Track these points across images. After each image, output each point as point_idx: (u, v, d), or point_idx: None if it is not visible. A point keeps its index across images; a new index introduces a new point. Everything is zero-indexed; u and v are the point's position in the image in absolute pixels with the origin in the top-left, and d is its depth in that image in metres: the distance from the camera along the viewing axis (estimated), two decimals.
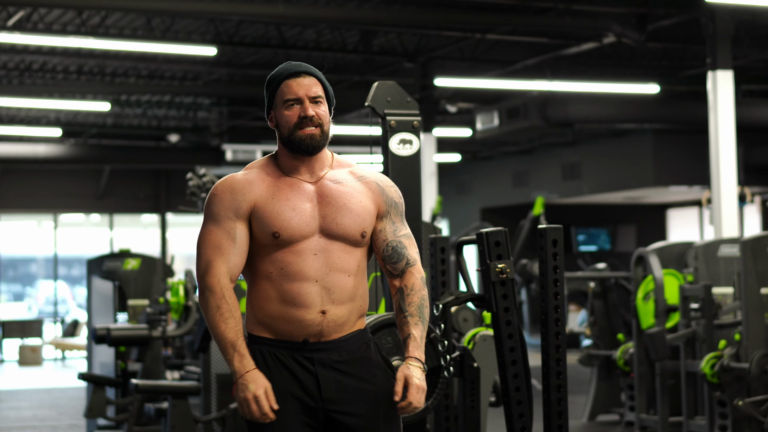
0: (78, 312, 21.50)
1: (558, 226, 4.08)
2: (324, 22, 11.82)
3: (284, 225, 2.93)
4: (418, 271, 3.04)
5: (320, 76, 3.03)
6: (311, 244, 2.94)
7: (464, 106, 15.73)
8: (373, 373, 2.99)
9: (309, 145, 2.98)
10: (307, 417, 2.93)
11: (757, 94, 15.66)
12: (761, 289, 7.01)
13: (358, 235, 2.98)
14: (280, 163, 3.05)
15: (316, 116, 2.98)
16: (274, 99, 3.03)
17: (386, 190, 3.07)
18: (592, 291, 9.33)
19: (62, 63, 14.13)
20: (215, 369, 6.87)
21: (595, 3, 11.28)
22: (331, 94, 3.06)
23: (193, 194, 8.60)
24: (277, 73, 3.04)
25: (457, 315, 5.63)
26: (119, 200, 21.09)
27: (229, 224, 2.96)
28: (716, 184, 10.63)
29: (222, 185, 3.01)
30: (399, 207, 3.09)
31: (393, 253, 3.03)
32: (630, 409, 8.71)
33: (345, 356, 2.96)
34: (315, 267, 2.92)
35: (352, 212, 2.98)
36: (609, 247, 21.46)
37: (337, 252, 2.95)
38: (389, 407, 2.97)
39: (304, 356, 2.94)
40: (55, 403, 11.59)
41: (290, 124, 2.99)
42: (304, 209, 2.96)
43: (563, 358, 4.01)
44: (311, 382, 2.93)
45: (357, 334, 3.00)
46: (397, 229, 3.06)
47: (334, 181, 3.02)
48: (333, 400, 2.93)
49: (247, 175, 3.03)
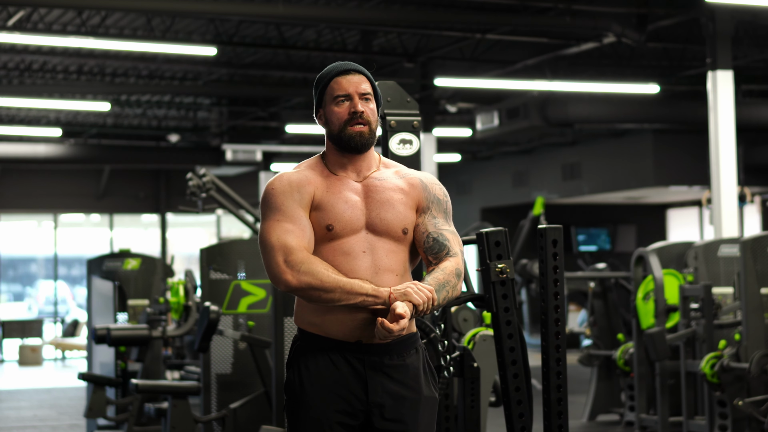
0: (78, 312, 21.50)
1: (558, 226, 4.08)
2: (324, 22, 11.81)
3: (338, 217, 2.94)
4: (456, 261, 3.00)
5: (369, 75, 3.04)
6: (359, 241, 2.94)
7: (464, 106, 15.72)
8: (418, 380, 2.99)
9: (358, 143, 2.99)
10: (348, 417, 2.94)
11: (757, 94, 15.66)
12: (761, 289, 7.01)
13: (400, 231, 2.98)
14: (328, 161, 3.05)
15: (365, 113, 2.99)
16: (324, 96, 3.03)
17: (429, 187, 3.08)
18: (592, 291, 9.33)
19: (62, 63, 14.13)
20: (215, 369, 6.86)
21: (595, 3, 11.27)
22: (380, 94, 3.07)
23: (193, 194, 8.60)
24: (327, 71, 3.05)
25: (457, 315, 5.63)
26: (119, 200, 21.09)
27: (297, 213, 2.94)
28: (716, 184, 10.63)
29: (279, 181, 3.00)
30: (443, 204, 3.08)
31: (434, 243, 3.01)
32: (630, 409, 8.71)
33: (396, 360, 2.95)
34: (364, 266, 2.92)
35: (394, 208, 2.99)
36: (609, 247, 21.46)
37: (384, 250, 2.95)
38: (429, 417, 3.00)
39: (356, 357, 2.94)
40: (55, 403, 11.59)
41: (341, 121, 2.99)
42: (355, 202, 2.97)
43: (563, 358, 4.01)
44: (359, 385, 2.93)
45: (408, 337, 2.99)
46: (439, 223, 3.04)
47: (378, 179, 3.03)
48: (378, 404, 2.93)
49: (301, 172, 3.02)
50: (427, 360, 3.05)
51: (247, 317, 6.89)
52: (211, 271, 6.91)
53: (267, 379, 6.44)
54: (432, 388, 3.02)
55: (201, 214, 10.60)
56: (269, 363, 6.41)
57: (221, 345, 6.88)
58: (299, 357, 2.99)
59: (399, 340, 2.95)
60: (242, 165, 18.44)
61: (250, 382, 6.85)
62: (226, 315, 6.84)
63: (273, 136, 18.24)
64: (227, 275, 6.91)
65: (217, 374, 6.86)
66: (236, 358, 6.90)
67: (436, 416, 3.04)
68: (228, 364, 6.90)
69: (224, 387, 6.85)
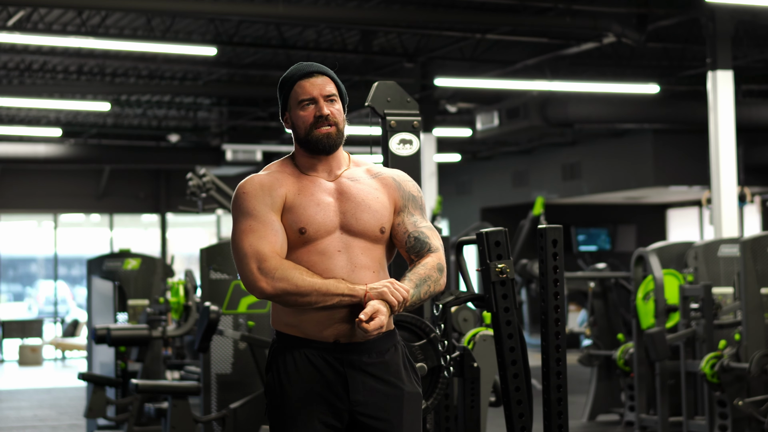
0: (78, 312, 21.50)
1: (558, 226, 4.08)
2: (324, 22, 11.81)
3: (310, 220, 2.94)
4: (437, 256, 3.02)
5: (333, 75, 3.04)
6: (334, 241, 2.94)
7: (464, 106, 15.73)
8: (400, 377, 2.99)
9: (326, 144, 2.99)
10: (331, 418, 2.93)
11: (757, 94, 15.66)
12: (761, 289, 7.01)
13: (378, 230, 2.99)
14: (298, 163, 3.05)
15: (331, 115, 2.99)
16: (288, 101, 3.03)
17: (403, 185, 3.09)
18: (592, 291, 9.32)
19: (62, 63, 14.13)
20: (215, 369, 6.86)
21: (595, 3, 11.27)
22: (344, 93, 3.06)
23: (193, 194, 8.60)
24: (290, 74, 3.04)
25: (457, 315, 5.63)
26: (119, 200, 21.08)
27: (268, 217, 2.94)
28: (716, 184, 10.63)
29: (250, 183, 2.99)
30: (417, 200, 3.09)
31: (416, 242, 3.03)
32: (630, 409, 8.71)
33: (375, 358, 2.95)
34: (340, 265, 2.93)
35: (370, 208, 2.99)
36: (609, 247, 21.45)
37: (359, 249, 2.96)
38: (413, 413, 2.99)
39: (335, 357, 2.93)
40: (55, 403, 11.59)
41: (306, 124, 2.99)
42: (327, 204, 2.97)
43: (563, 358, 4.01)
44: (339, 384, 2.93)
45: (387, 334, 2.99)
46: (418, 221, 3.06)
47: (351, 179, 3.03)
48: (359, 402, 2.93)
49: (271, 174, 3.02)
50: (407, 356, 3.05)
51: (247, 317, 6.89)
52: (211, 271, 6.91)
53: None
54: (414, 383, 3.02)
55: (201, 214, 10.60)
56: None
57: (221, 345, 6.88)
58: (278, 359, 2.98)
59: (377, 338, 2.94)
60: (242, 165, 18.43)
61: (250, 382, 6.85)
62: (226, 315, 6.84)
63: (273, 136, 18.24)
64: (227, 275, 6.91)
65: (217, 374, 6.86)
66: (236, 358, 6.90)
67: (421, 412, 3.04)
68: (228, 364, 6.90)
69: (224, 387, 6.85)
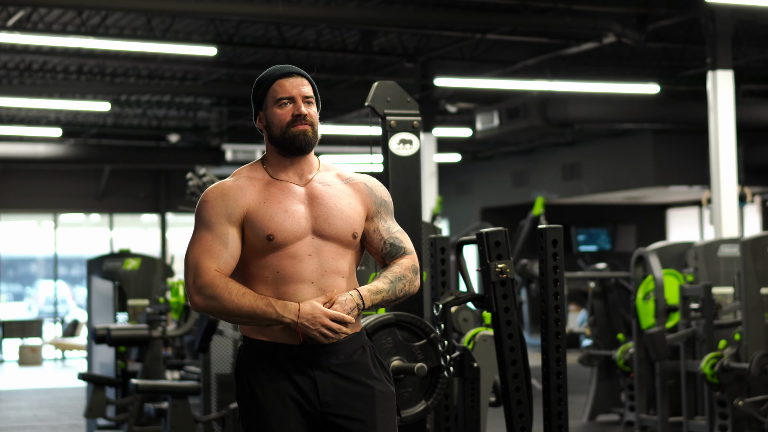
0: (78, 312, 21.50)
1: (558, 226, 4.08)
2: (324, 22, 11.81)
3: (278, 227, 2.94)
4: (411, 258, 3.08)
5: (310, 78, 3.07)
6: (305, 245, 2.95)
7: (464, 106, 15.72)
8: (370, 376, 2.99)
9: (302, 142, 3.00)
10: (305, 420, 2.93)
11: (757, 94, 15.66)
12: (761, 289, 7.01)
13: (350, 236, 3.00)
14: (269, 166, 3.07)
15: (309, 115, 3.01)
16: (265, 99, 3.07)
17: (374, 190, 3.10)
18: (592, 291, 9.32)
19: (62, 63, 14.13)
20: (215, 369, 6.86)
21: (595, 3, 11.28)
22: (319, 98, 3.09)
23: (193, 194, 8.60)
24: (268, 74, 3.07)
25: (457, 315, 5.63)
26: (119, 200, 21.08)
27: (221, 229, 2.95)
28: (716, 184, 10.63)
29: (212, 192, 3.01)
30: (389, 205, 3.12)
31: (392, 248, 3.07)
32: (630, 409, 8.71)
33: (342, 359, 2.96)
34: (310, 269, 2.94)
35: (342, 213, 3.00)
36: (609, 247, 21.46)
37: (330, 253, 2.97)
38: (386, 411, 2.99)
39: (302, 359, 2.93)
40: (55, 403, 11.59)
41: (283, 123, 3.02)
42: (296, 211, 2.97)
43: (563, 358, 4.01)
44: (309, 386, 2.93)
45: (354, 336, 2.99)
46: (391, 227, 3.10)
47: (322, 183, 3.04)
48: (330, 403, 2.93)
49: (237, 181, 3.04)
50: (376, 356, 3.05)
51: None
52: None
53: None
54: (386, 382, 3.02)
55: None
56: None
57: (221, 345, 6.88)
58: (246, 365, 3.00)
59: (343, 340, 2.95)
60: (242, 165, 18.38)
61: None
62: None
63: None
64: None
65: (217, 374, 6.87)
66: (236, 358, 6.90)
67: (395, 410, 3.04)
68: (228, 364, 6.91)
69: (224, 387, 6.86)
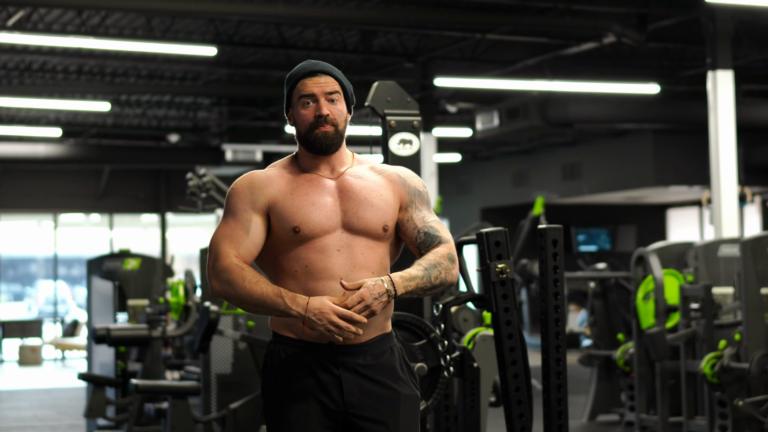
0: (78, 312, 21.50)
1: (558, 226, 4.08)
2: (324, 22, 11.82)
3: (304, 219, 2.91)
4: (448, 247, 2.99)
5: (338, 75, 3.01)
6: (334, 239, 2.92)
7: (464, 106, 15.72)
8: (395, 379, 2.96)
9: (323, 144, 2.97)
10: (327, 420, 2.91)
11: (757, 94, 15.66)
12: (761, 289, 7.01)
13: (380, 228, 2.95)
14: (300, 161, 3.04)
15: (330, 115, 2.96)
16: (291, 98, 3.02)
17: (408, 181, 3.05)
18: (592, 291, 9.32)
19: (62, 63, 14.13)
20: (215, 369, 6.86)
21: (595, 3, 11.28)
22: (350, 93, 3.04)
23: (193, 194, 8.60)
24: (295, 71, 3.03)
25: (457, 315, 5.63)
26: (119, 200, 21.09)
27: (244, 216, 2.95)
28: (716, 184, 10.63)
29: (241, 181, 3.01)
30: (424, 195, 3.06)
31: (426, 237, 2.99)
32: (630, 409, 8.71)
33: (370, 360, 2.93)
34: (339, 264, 2.90)
35: (373, 206, 2.96)
36: (609, 247, 21.45)
37: (360, 248, 2.93)
38: (410, 415, 2.96)
39: (329, 359, 2.91)
40: (55, 403, 11.59)
41: (306, 123, 2.98)
42: (324, 203, 2.94)
43: (563, 358, 4.01)
44: (334, 385, 2.90)
45: (383, 337, 2.96)
46: (426, 216, 3.03)
47: (354, 176, 3.01)
48: (354, 404, 2.91)
49: (267, 172, 3.02)
50: (404, 358, 3.01)
51: (247, 317, 6.89)
52: None
53: None
54: (412, 386, 2.99)
55: (201, 214, 10.60)
56: None
57: (221, 345, 6.88)
58: (274, 360, 2.98)
59: (372, 341, 2.93)
60: (242, 165, 18.43)
61: (250, 382, 6.85)
62: (226, 315, 6.84)
63: (273, 136, 18.24)
64: None
65: (217, 374, 6.87)
66: (236, 358, 6.90)
67: (418, 414, 3.01)
68: (228, 364, 6.91)
69: (224, 387, 6.86)
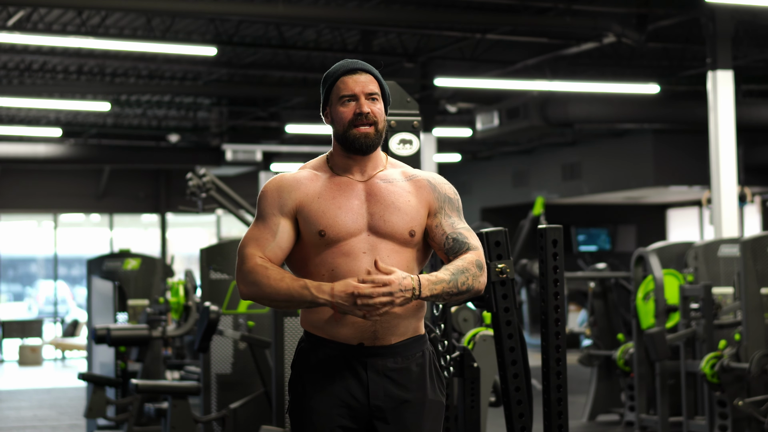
0: (78, 312, 21.50)
1: (558, 226, 4.07)
2: (324, 22, 11.81)
3: (330, 223, 2.90)
4: (476, 254, 2.95)
5: (377, 74, 3.01)
6: (360, 242, 2.90)
7: (464, 106, 15.72)
8: (423, 384, 2.94)
9: (363, 144, 2.94)
10: (350, 421, 2.91)
11: (757, 94, 15.66)
12: (761, 289, 7.01)
13: (407, 233, 2.93)
14: (333, 161, 3.01)
15: (371, 113, 2.94)
16: (330, 95, 3.00)
17: (438, 187, 3.03)
18: (592, 291, 9.33)
19: (62, 63, 14.13)
20: (215, 369, 6.86)
21: (595, 3, 11.28)
22: (387, 93, 3.02)
23: (193, 194, 8.60)
24: (334, 69, 3.02)
25: (457, 315, 5.63)
26: (119, 200, 21.09)
27: (272, 220, 2.93)
28: (716, 184, 10.63)
29: (271, 183, 2.99)
30: (454, 202, 3.05)
31: (455, 243, 2.97)
32: (630, 409, 8.71)
33: (399, 363, 2.91)
34: (364, 267, 2.87)
35: (400, 210, 2.94)
36: (609, 247, 21.46)
37: (386, 251, 2.90)
38: (434, 422, 2.96)
39: (358, 360, 2.90)
40: (55, 403, 11.59)
41: (345, 121, 2.95)
42: (350, 207, 2.92)
43: (563, 358, 4.00)
44: (360, 386, 2.90)
45: (414, 340, 2.95)
46: (455, 222, 3.01)
47: (384, 180, 2.99)
48: (379, 407, 2.90)
49: (297, 175, 3.00)
50: (435, 364, 2.99)
51: (247, 317, 6.89)
52: (211, 271, 6.91)
53: (267, 379, 6.44)
54: (438, 392, 2.97)
55: (201, 214, 10.62)
56: (269, 363, 6.41)
57: (221, 345, 6.88)
58: (302, 358, 2.98)
59: (403, 342, 2.92)
60: (242, 165, 18.44)
61: (250, 382, 6.85)
62: (226, 315, 6.84)
63: (273, 136, 18.24)
64: (227, 275, 6.91)
65: (217, 374, 6.87)
66: (236, 358, 6.90)
67: (442, 421, 3.00)
68: (228, 364, 6.91)
69: (224, 387, 6.86)
